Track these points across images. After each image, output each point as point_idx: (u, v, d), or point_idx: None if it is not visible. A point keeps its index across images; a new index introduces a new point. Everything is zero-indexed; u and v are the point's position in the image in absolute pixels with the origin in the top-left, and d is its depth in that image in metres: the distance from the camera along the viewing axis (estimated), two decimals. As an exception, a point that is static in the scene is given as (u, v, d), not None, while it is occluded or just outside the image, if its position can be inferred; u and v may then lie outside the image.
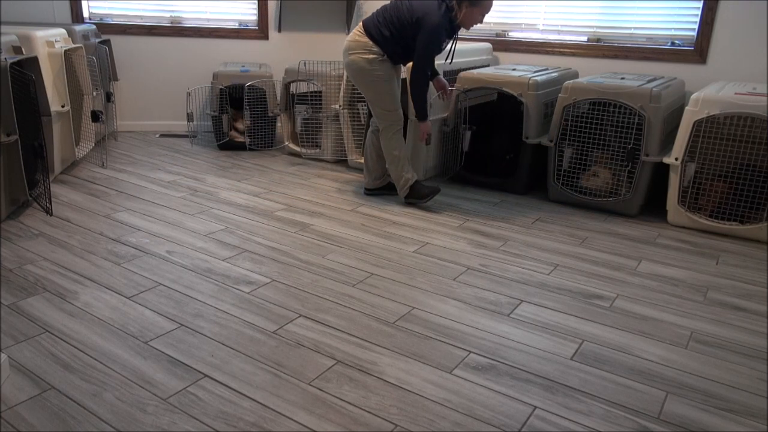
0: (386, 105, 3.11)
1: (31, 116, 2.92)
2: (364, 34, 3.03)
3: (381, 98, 3.10)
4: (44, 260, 2.46)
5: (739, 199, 3.01)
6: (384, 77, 3.05)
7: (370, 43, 3.01)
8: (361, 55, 3.02)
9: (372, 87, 3.08)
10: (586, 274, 2.54)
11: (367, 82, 3.07)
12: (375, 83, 3.06)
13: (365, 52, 3.01)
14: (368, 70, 3.03)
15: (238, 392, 1.68)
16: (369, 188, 3.45)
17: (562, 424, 1.60)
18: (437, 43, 2.95)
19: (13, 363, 1.76)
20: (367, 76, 3.06)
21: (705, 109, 2.91)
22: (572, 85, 3.24)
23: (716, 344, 2.03)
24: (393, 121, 3.14)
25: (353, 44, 3.05)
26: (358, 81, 3.11)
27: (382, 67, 3.03)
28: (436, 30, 2.90)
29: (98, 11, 4.61)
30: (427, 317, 2.13)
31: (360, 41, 3.03)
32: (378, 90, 3.08)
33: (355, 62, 3.05)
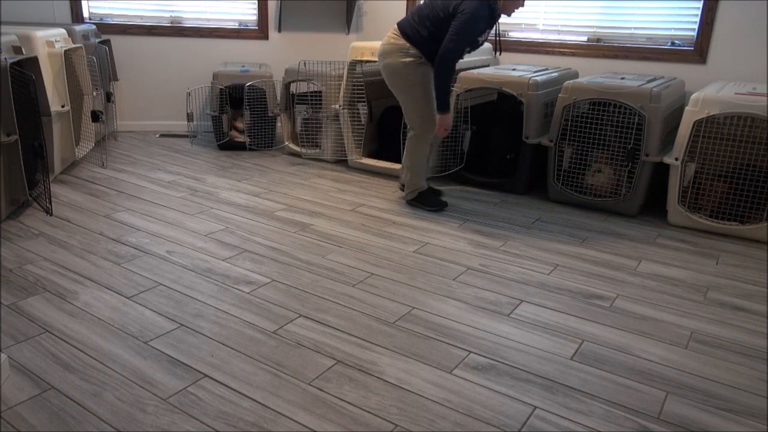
0: (421, 111, 3.03)
1: (31, 116, 2.92)
2: (399, 36, 2.94)
3: (416, 104, 3.02)
4: (44, 260, 2.46)
5: (739, 199, 3.01)
6: (421, 82, 2.96)
7: (407, 45, 2.91)
8: (398, 59, 2.94)
9: (408, 92, 3.00)
10: (586, 274, 2.54)
11: (403, 86, 2.99)
12: (411, 88, 2.98)
13: (402, 54, 2.92)
14: (405, 74, 2.95)
15: (238, 392, 1.68)
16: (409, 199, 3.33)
17: (562, 424, 1.60)
18: (472, 32, 2.81)
19: (13, 363, 1.76)
20: (403, 81, 2.98)
21: (705, 109, 2.91)
22: (572, 85, 3.24)
23: (716, 344, 2.03)
24: (426, 129, 3.06)
25: (389, 47, 2.97)
26: (394, 85, 3.04)
27: (419, 71, 2.94)
28: (474, 17, 2.76)
29: (98, 11, 4.61)
30: (427, 317, 2.13)
31: (396, 44, 2.94)
32: (414, 95, 3.00)
33: (391, 66, 2.97)
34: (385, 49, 2.99)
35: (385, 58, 3.00)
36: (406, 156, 3.18)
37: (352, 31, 5.16)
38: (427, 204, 3.23)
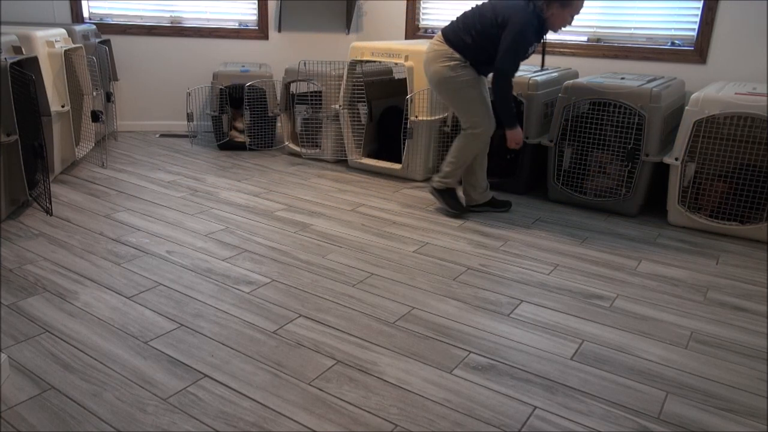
0: (477, 111, 2.93)
1: (31, 116, 2.92)
2: (443, 42, 2.88)
3: (470, 105, 2.92)
4: (44, 260, 2.46)
5: (739, 199, 3.01)
6: (471, 82, 2.88)
7: (450, 51, 2.85)
8: (442, 64, 2.87)
9: (459, 95, 2.91)
10: (586, 274, 2.54)
11: (453, 90, 2.90)
12: (462, 90, 2.89)
13: (446, 59, 2.86)
14: (452, 77, 2.86)
15: (238, 392, 1.68)
16: (472, 205, 3.25)
17: (562, 424, 1.60)
18: (524, 44, 2.76)
19: (13, 363, 1.76)
20: (451, 84, 2.89)
21: (705, 109, 2.91)
22: (572, 85, 3.24)
23: (716, 344, 2.03)
24: (483, 129, 2.96)
25: (433, 54, 2.90)
26: (443, 91, 2.95)
27: (466, 72, 2.86)
28: (524, 29, 2.71)
29: (98, 11, 4.61)
30: (427, 317, 2.13)
31: (439, 50, 2.88)
32: (466, 96, 2.90)
33: (437, 73, 2.89)
34: (429, 57, 2.93)
35: (430, 66, 2.93)
36: (455, 150, 3.06)
37: (352, 31, 5.16)
38: (449, 203, 3.16)
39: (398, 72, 4.35)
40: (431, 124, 3.65)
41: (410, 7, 4.80)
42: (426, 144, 3.68)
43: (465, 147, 3.03)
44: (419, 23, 4.84)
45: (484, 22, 2.79)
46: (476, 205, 3.23)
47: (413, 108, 3.59)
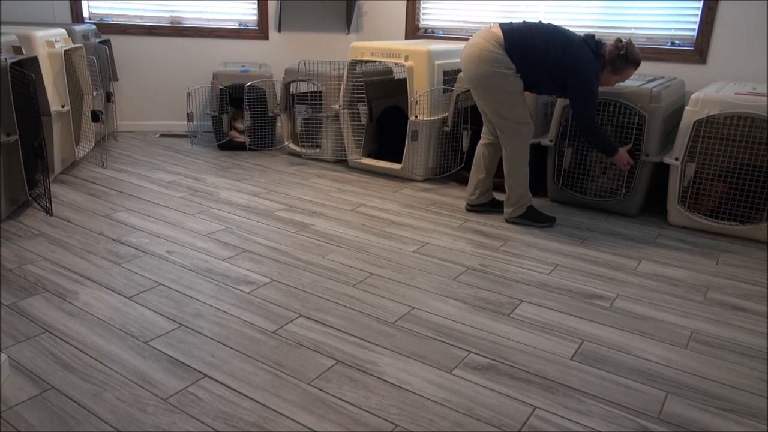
0: (520, 116, 2.87)
1: (31, 116, 2.92)
2: (500, 47, 2.76)
3: (514, 109, 2.85)
4: (44, 260, 2.46)
5: (739, 199, 3.01)
6: (517, 91, 2.83)
7: (506, 58, 2.76)
8: (495, 69, 2.76)
9: (503, 100, 2.84)
10: (586, 274, 2.54)
11: (499, 94, 2.83)
12: (507, 96, 2.83)
13: (500, 66, 2.76)
14: (502, 84, 2.79)
15: (238, 392, 1.68)
16: (473, 204, 3.23)
17: (562, 424, 1.60)
18: (596, 89, 2.81)
19: (13, 363, 1.76)
20: (499, 90, 2.81)
21: (705, 109, 2.91)
22: (572, 85, 3.23)
23: (716, 344, 2.03)
24: (526, 133, 2.92)
25: (488, 56, 2.77)
26: (489, 93, 2.85)
27: (516, 81, 2.81)
28: (593, 78, 2.77)
29: (98, 11, 4.61)
30: (427, 317, 2.13)
31: (496, 54, 2.75)
32: (510, 102, 2.84)
33: (488, 75, 2.79)
34: (482, 56, 2.78)
35: (479, 66, 2.79)
36: (506, 166, 2.98)
37: (352, 31, 5.16)
38: (537, 220, 3.04)
39: (398, 72, 4.35)
40: (431, 124, 3.65)
41: (410, 7, 4.80)
42: (426, 144, 3.68)
43: (517, 159, 2.95)
44: (419, 23, 4.84)
45: (548, 57, 2.75)
46: (477, 205, 3.22)
47: (413, 108, 3.59)
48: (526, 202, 3.04)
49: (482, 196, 3.20)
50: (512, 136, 2.92)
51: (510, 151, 2.95)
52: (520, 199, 3.03)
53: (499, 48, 2.76)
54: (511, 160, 2.96)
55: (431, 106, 3.63)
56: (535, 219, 3.05)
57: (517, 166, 2.96)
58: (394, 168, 3.82)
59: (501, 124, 2.91)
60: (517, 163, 2.96)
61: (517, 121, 2.88)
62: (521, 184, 3.00)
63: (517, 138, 2.92)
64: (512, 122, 2.88)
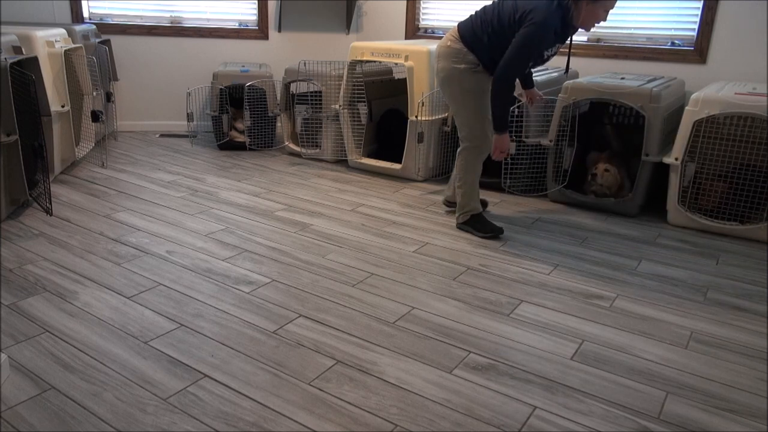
0: (473, 123, 2.76)
1: (31, 116, 2.92)
2: (458, 40, 2.68)
3: (469, 114, 2.75)
4: (44, 260, 2.46)
5: (739, 199, 3.01)
6: (475, 91, 2.71)
7: (464, 50, 2.65)
8: (452, 64, 2.69)
9: (459, 100, 2.74)
10: (586, 274, 2.54)
11: (455, 94, 2.74)
12: (464, 96, 2.72)
13: (457, 60, 2.67)
14: (458, 80, 2.69)
15: (238, 392, 1.68)
16: (452, 201, 3.15)
17: (562, 424, 1.60)
18: (538, 44, 2.53)
19: (13, 363, 1.76)
20: (455, 88, 2.72)
21: (705, 109, 2.91)
22: (572, 85, 3.24)
23: (716, 344, 2.03)
24: (478, 142, 2.79)
25: (444, 50, 2.71)
26: (446, 92, 2.79)
27: (474, 78, 2.68)
28: (542, 28, 2.46)
29: (98, 11, 4.61)
30: (427, 317, 2.13)
31: (453, 47, 2.68)
32: (466, 105, 2.73)
33: (444, 70, 2.72)
34: (440, 52, 2.75)
35: (439, 62, 2.76)
36: (458, 172, 2.90)
37: (352, 31, 5.16)
38: (481, 230, 2.90)
39: (398, 72, 4.35)
40: (432, 124, 3.65)
41: (410, 7, 4.80)
42: (426, 144, 3.68)
43: (466, 165, 2.85)
44: (419, 23, 4.84)
45: (502, 19, 2.57)
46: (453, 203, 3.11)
47: (413, 108, 3.59)
48: (471, 210, 2.92)
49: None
50: (465, 142, 2.82)
51: (464, 158, 2.85)
52: (465, 207, 2.92)
53: (455, 42, 2.68)
54: (460, 166, 2.87)
55: (431, 106, 3.63)
56: (480, 229, 2.90)
57: (464, 172, 2.86)
58: (394, 168, 3.82)
59: (459, 129, 2.82)
60: (465, 170, 2.86)
61: (470, 126, 2.77)
62: (466, 192, 2.89)
63: (471, 145, 2.81)
64: (467, 128, 2.78)
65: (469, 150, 2.82)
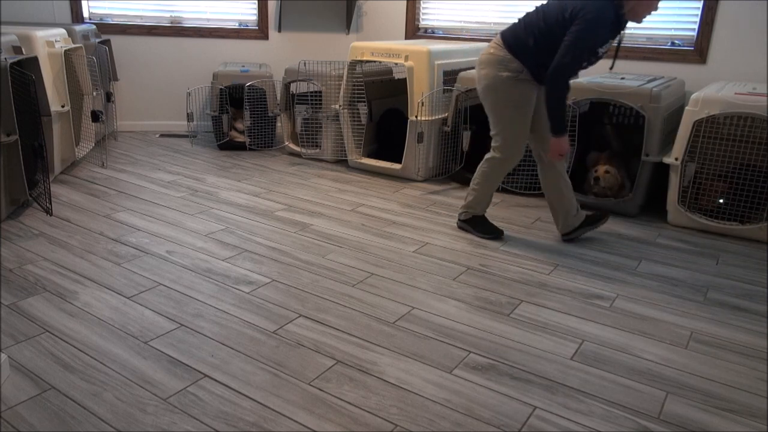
0: (507, 134, 2.66)
1: (31, 116, 2.92)
2: (501, 46, 2.56)
3: (505, 125, 2.65)
4: (44, 260, 2.46)
5: (739, 199, 3.01)
6: (516, 102, 2.59)
7: (508, 57, 2.53)
8: (495, 72, 2.56)
9: (499, 110, 2.63)
10: (586, 274, 2.54)
11: (496, 102, 2.62)
12: (504, 106, 2.61)
13: (501, 68, 2.55)
14: (500, 89, 2.58)
15: (238, 392, 1.68)
16: (566, 233, 2.86)
17: (562, 424, 1.60)
18: (593, 40, 2.41)
19: (13, 363, 1.76)
20: (496, 96, 2.61)
21: (705, 109, 2.91)
22: (572, 85, 3.24)
23: (716, 344, 2.03)
24: (508, 154, 2.69)
25: (487, 58, 2.60)
26: (487, 100, 2.66)
27: (517, 88, 2.56)
28: (597, 22, 2.34)
29: (98, 11, 4.61)
30: (427, 317, 2.13)
31: (496, 54, 2.57)
32: (505, 115, 2.62)
33: (486, 78, 2.60)
34: (481, 59, 2.63)
35: (480, 69, 2.64)
36: (479, 177, 2.81)
37: (352, 31, 5.16)
38: (481, 230, 2.88)
39: (398, 72, 4.35)
40: (432, 124, 3.65)
41: (410, 7, 4.80)
42: (426, 144, 3.68)
43: (491, 174, 2.76)
44: (419, 23, 4.84)
45: (548, 19, 2.45)
46: (573, 230, 2.85)
47: (413, 108, 3.59)
48: (474, 212, 2.89)
49: (574, 219, 2.83)
50: (495, 152, 2.72)
51: (488, 167, 2.77)
52: (471, 207, 2.89)
53: (499, 49, 2.58)
54: (484, 174, 2.79)
55: (431, 106, 3.63)
56: (479, 229, 2.89)
57: (484, 178, 2.79)
58: (394, 168, 3.82)
59: (494, 135, 2.71)
60: (487, 177, 2.78)
61: (504, 139, 2.67)
62: (478, 195, 2.84)
63: (497, 161, 2.73)
64: (501, 138, 2.68)
65: (497, 160, 2.73)
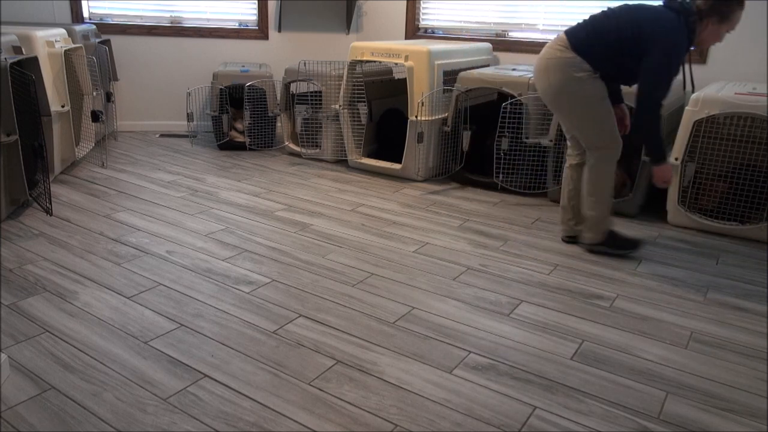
0: (603, 129, 2.53)
1: (31, 116, 2.92)
2: (567, 48, 2.46)
3: (596, 122, 2.52)
4: (44, 260, 2.46)
5: (739, 199, 3.01)
6: (599, 96, 2.48)
7: (578, 59, 2.43)
8: (571, 73, 2.45)
9: (582, 108, 2.51)
10: (586, 274, 2.54)
11: (577, 102, 2.50)
12: (587, 103, 2.49)
13: (575, 69, 2.44)
14: (579, 88, 2.46)
15: (238, 392, 1.68)
16: (571, 236, 2.83)
17: (562, 424, 1.60)
18: (676, 66, 2.35)
19: (13, 363, 1.76)
20: (576, 96, 2.48)
21: (705, 109, 2.91)
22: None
23: (716, 344, 2.03)
24: (611, 149, 2.57)
25: (556, 62, 2.47)
26: (564, 103, 2.53)
27: (595, 85, 2.46)
28: (677, 48, 2.32)
29: (98, 11, 4.61)
30: (427, 317, 2.13)
31: (565, 57, 2.46)
32: (591, 110, 2.50)
33: (561, 81, 2.47)
34: (549, 65, 2.49)
35: (550, 75, 2.49)
36: (590, 186, 2.62)
37: (352, 31, 5.16)
38: (621, 246, 2.69)
39: (398, 72, 4.35)
40: (432, 124, 3.65)
41: (410, 7, 4.80)
42: (426, 144, 3.68)
43: (602, 172, 2.60)
44: (419, 23, 4.84)
45: (621, 35, 2.37)
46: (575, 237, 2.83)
47: (413, 108, 3.59)
48: (606, 227, 2.68)
49: (580, 225, 2.79)
50: (596, 153, 2.59)
51: (595, 171, 2.61)
52: (599, 224, 2.67)
53: (566, 50, 2.46)
54: (592, 180, 2.62)
55: (431, 106, 3.63)
56: (618, 246, 2.70)
57: (599, 186, 2.62)
58: (394, 168, 3.82)
59: (585, 139, 2.59)
60: (599, 183, 2.62)
61: (601, 134, 2.54)
62: (601, 207, 2.64)
63: (603, 154, 2.58)
64: (596, 136, 2.55)
65: (602, 157, 2.58)
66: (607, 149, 2.57)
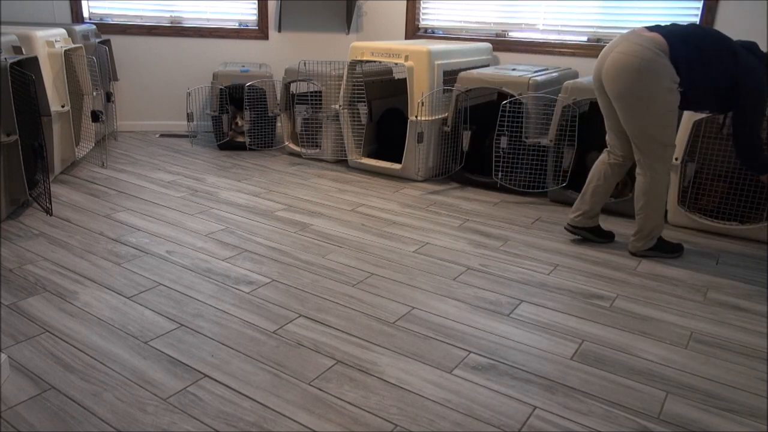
0: (670, 137, 2.51)
1: (31, 116, 2.92)
2: (666, 55, 2.36)
3: (666, 130, 2.47)
4: (44, 260, 2.46)
5: (739, 199, 3.01)
6: (672, 106, 2.44)
7: (672, 69, 2.37)
8: (661, 82, 2.37)
9: (659, 118, 2.45)
10: (586, 274, 2.54)
11: (656, 112, 2.43)
12: (665, 116, 2.44)
13: (668, 78, 2.37)
14: (659, 100, 2.40)
15: (238, 392, 1.68)
16: (576, 226, 2.84)
17: (562, 424, 1.60)
18: (762, 110, 2.41)
19: (13, 363, 1.76)
20: (657, 105, 2.42)
21: (705, 109, 2.91)
22: (572, 85, 3.24)
23: (716, 344, 2.03)
24: (670, 155, 2.56)
25: (652, 65, 2.36)
26: (641, 109, 2.45)
27: (673, 95, 2.41)
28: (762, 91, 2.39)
29: (98, 11, 4.61)
30: (427, 317, 2.13)
31: (663, 63, 2.36)
32: (667, 122, 2.46)
33: (649, 89, 2.39)
34: (643, 66, 2.37)
35: (640, 78, 2.38)
36: (642, 196, 2.62)
37: (352, 31, 5.16)
38: (669, 251, 2.72)
39: (398, 72, 4.35)
40: (432, 124, 3.65)
41: (410, 7, 4.80)
42: (426, 144, 3.68)
43: (659, 180, 2.57)
44: (419, 23, 4.84)
45: (721, 61, 2.37)
46: (579, 228, 2.84)
47: (413, 108, 3.59)
48: (658, 233, 2.70)
49: (590, 220, 2.82)
50: (657, 160, 2.54)
51: (652, 175, 2.57)
52: (654, 230, 2.68)
53: (663, 56, 2.36)
54: (652, 187, 2.58)
55: (431, 106, 3.63)
56: (667, 250, 2.72)
57: (658, 194, 2.59)
58: (394, 168, 3.82)
59: (646, 145, 2.53)
60: (660, 191, 2.59)
61: (665, 143, 2.51)
62: (659, 214, 2.64)
63: (662, 162, 2.55)
64: (660, 144, 2.50)
65: (663, 162, 2.56)
66: (665, 154, 2.54)
